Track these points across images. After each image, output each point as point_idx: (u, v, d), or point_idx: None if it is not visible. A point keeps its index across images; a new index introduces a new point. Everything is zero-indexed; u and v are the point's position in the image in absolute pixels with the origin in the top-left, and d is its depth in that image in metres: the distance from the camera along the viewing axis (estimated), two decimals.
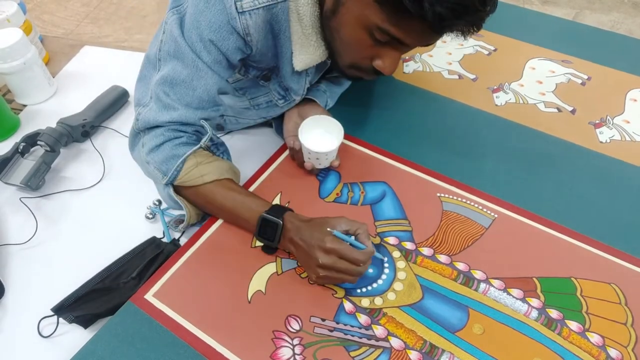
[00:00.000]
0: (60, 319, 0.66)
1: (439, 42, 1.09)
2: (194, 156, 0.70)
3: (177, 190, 0.72)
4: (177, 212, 0.78)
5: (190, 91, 0.68)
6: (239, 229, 0.73)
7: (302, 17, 0.66)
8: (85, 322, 0.65)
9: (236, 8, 0.62)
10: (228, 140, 0.90)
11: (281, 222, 0.66)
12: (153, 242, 0.74)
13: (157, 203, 0.80)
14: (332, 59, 0.72)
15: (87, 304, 0.66)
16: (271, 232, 0.67)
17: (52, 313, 0.65)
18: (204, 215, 0.76)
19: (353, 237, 0.64)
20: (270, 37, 0.69)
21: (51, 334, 0.66)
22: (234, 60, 0.68)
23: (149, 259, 0.70)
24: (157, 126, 0.70)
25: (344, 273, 0.63)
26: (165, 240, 0.75)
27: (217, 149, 0.76)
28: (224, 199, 0.70)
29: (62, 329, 0.66)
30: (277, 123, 0.89)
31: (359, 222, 0.65)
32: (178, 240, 0.75)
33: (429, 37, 0.61)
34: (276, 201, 0.77)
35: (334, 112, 0.84)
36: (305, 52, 0.70)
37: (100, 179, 0.86)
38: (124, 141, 0.92)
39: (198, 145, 0.70)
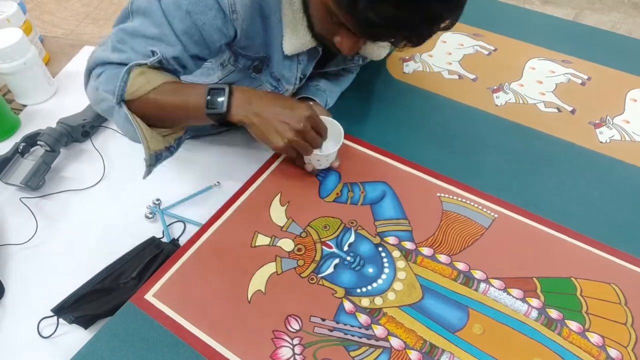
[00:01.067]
0: (60, 320, 0.66)
1: (439, 42, 1.10)
2: (140, 67, 0.65)
3: (131, 109, 0.67)
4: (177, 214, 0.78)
5: (148, 47, 0.65)
6: (238, 229, 0.73)
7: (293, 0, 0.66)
8: (86, 323, 0.65)
9: None
10: (228, 140, 0.90)
11: (227, 87, 0.65)
12: (152, 242, 0.74)
13: (157, 203, 0.80)
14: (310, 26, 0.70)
15: (87, 305, 0.66)
16: (218, 100, 0.64)
17: (52, 314, 0.65)
18: (169, 146, 0.72)
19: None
20: (259, 20, 0.68)
21: (51, 335, 0.66)
22: (210, 39, 0.66)
23: (148, 259, 0.70)
24: (106, 63, 0.67)
25: (311, 142, 0.65)
26: (164, 240, 0.76)
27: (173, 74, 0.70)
28: (173, 94, 0.66)
29: (62, 330, 0.66)
30: None
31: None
32: (177, 240, 0.75)
33: (365, 37, 0.61)
34: (276, 201, 0.77)
35: (334, 111, 0.84)
36: (296, 36, 0.70)
37: (100, 179, 0.86)
38: (124, 141, 0.93)
39: (144, 62, 0.65)
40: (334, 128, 0.77)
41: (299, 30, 0.69)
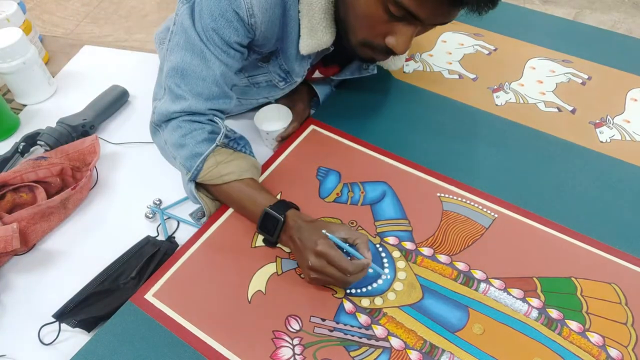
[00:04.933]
0: (62, 325, 0.65)
1: (439, 42, 1.10)
2: (214, 155, 0.71)
3: (201, 184, 0.73)
4: (177, 211, 0.78)
5: (200, 81, 0.69)
6: (238, 229, 0.73)
7: (313, 2, 0.67)
8: (89, 326, 0.65)
9: None
10: None
11: (282, 219, 0.67)
12: (148, 241, 0.73)
13: (157, 203, 0.80)
14: (346, 37, 0.71)
15: (89, 307, 0.65)
16: (272, 227, 0.68)
17: (53, 319, 0.65)
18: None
19: (348, 245, 0.64)
20: (277, 21, 0.69)
21: (53, 341, 0.65)
22: (239, 49, 0.69)
23: (147, 258, 0.70)
24: (171, 118, 0.71)
25: (332, 279, 0.63)
26: (160, 238, 0.75)
27: (237, 144, 0.76)
28: (240, 194, 0.72)
29: (63, 336, 0.66)
30: None
31: (359, 233, 0.65)
32: (174, 237, 0.75)
33: (443, 10, 0.60)
34: None
35: (334, 111, 0.83)
36: (313, 36, 0.70)
37: (100, 179, 0.86)
38: (124, 141, 0.93)
39: (214, 145, 0.70)
40: (281, 111, 0.88)
41: (317, 31, 0.69)
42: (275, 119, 0.87)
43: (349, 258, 0.63)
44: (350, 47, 0.71)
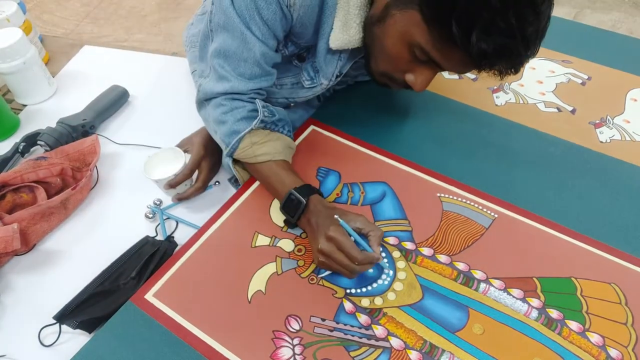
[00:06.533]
0: (63, 327, 0.65)
1: None
2: (250, 136, 0.73)
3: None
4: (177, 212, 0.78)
5: (242, 62, 0.71)
6: (238, 229, 0.73)
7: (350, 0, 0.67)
8: (90, 327, 0.65)
9: None
10: None
11: (304, 202, 0.68)
12: (147, 241, 0.73)
13: (157, 203, 0.80)
14: (366, 60, 0.73)
15: (90, 308, 0.66)
16: (294, 208, 0.69)
17: (53, 321, 0.65)
18: None
19: (361, 237, 0.64)
20: (316, 8, 0.69)
21: (53, 343, 0.65)
22: (277, 31, 0.69)
23: (146, 258, 0.70)
24: (214, 97, 0.75)
25: (339, 265, 0.63)
26: (159, 238, 0.75)
27: (276, 125, 0.77)
28: (269, 174, 0.74)
29: (64, 338, 0.66)
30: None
31: (376, 227, 0.66)
32: (173, 237, 0.75)
33: (466, 68, 0.63)
34: (276, 201, 0.77)
35: (334, 111, 0.83)
36: (345, 32, 0.70)
37: (101, 180, 0.86)
38: (124, 141, 0.93)
39: (250, 127, 0.73)
40: (176, 154, 0.81)
41: (350, 27, 0.69)
42: (165, 164, 0.80)
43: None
44: (370, 71, 0.73)
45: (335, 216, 0.64)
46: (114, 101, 0.98)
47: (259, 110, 0.74)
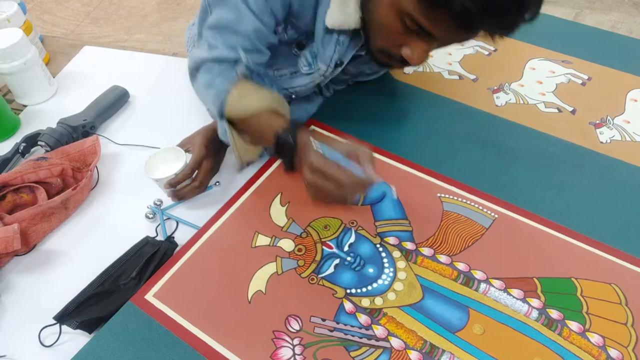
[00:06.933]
0: (63, 328, 0.65)
1: None
2: (237, 89, 0.71)
3: (234, 122, 0.74)
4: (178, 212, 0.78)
5: (233, 35, 0.71)
6: (238, 229, 0.73)
7: None
8: (90, 327, 0.65)
9: None
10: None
11: (292, 142, 0.68)
12: (147, 241, 0.73)
13: (157, 203, 0.80)
14: (366, 42, 0.73)
15: (90, 308, 0.65)
16: (285, 150, 0.70)
17: (54, 322, 0.64)
18: (260, 154, 0.81)
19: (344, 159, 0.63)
20: None
21: (53, 343, 0.65)
22: (275, 6, 0.70)
23: (146, 258, 0.70)
24: (203, 63, 0.74)
25: (330, 194, 0.63)
26: (159, 238, 0.75)
27: (262, 79, 0.76)
28: (259, 122, 0.72)
29: (64, 338, 0.65)
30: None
31: (362, 145, 0.64)
32: (173, 237, 0.75)
33: (456, 32, 0.61)
34: (276, 201, 0.77)
35: (334, 111, 0.83)
36: (342, 11, 0.70)
37: (101, 180, 0.86)
38: (124, 141, 0.93)
39: (236, 75, 0.72)
40: (178, 154, 0.80)
41: (347, 6, 0.69)
42: (166, 163, 0.81)
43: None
44: (370, 50, 0.73)
45: (312, 140, 0.62)
46: (115, 101, 0.98)
47: (242, 58, 0.72)
